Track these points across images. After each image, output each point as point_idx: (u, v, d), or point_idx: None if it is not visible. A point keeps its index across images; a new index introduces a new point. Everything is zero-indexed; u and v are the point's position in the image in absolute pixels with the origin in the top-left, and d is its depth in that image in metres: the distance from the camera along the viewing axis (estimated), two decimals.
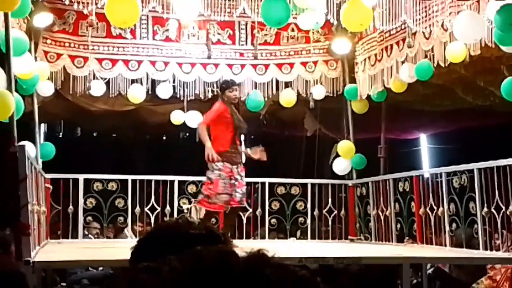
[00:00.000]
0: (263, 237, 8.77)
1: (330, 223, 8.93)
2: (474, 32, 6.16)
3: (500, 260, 6.55)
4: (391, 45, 8.03)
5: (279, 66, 9.18)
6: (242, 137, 7.54)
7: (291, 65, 9.18)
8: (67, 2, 7.38)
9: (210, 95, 9.28)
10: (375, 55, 8.40)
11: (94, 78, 8.60)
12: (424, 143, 13.20)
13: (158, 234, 1.10)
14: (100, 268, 8.31)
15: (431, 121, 11.25)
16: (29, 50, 7.00)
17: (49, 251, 6.48)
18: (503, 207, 6.03)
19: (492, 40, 6.05)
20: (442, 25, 6.88)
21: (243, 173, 7.08)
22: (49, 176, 7.91)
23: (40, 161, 7.94)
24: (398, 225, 8.08)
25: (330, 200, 8.92)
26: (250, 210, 8.69)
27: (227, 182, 6.89)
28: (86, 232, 8.74)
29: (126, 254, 1.31)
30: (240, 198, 6.97)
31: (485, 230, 6.45)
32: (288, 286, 0.86)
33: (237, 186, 6.94)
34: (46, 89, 8.15)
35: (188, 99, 9.21)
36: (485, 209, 6.29)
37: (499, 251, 6.45)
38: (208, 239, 1.07)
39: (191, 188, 8.59)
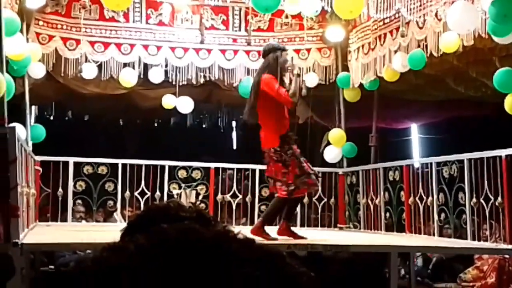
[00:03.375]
0: (252, 224, 8.77)
1: (319, 211, 8.95)
2: (468, 23, 6.15)
3: (488, 250, 6.59)
4: (385, 34, 8.02)
5: None
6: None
7: None
8: None
9: (202, 80, 9.26)
10: (369, 43, 8.39)
11: (86, 61, 8.56)
12: (415, 133, 13.24)
13: (148, 216, 1.09)
14: (88, 251, 8.30)
15: (422, 110, 11.27)
16: (21, 31, 6.95)
17: (37, 233, 6.47)
18: (492, 198, 6.05)
19: (486, 31, 6.05)
20: (436, 15, 6.87)
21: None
22: (39, 158, 7.89)
23: (30, 143, 7.91)
24: (387, 214, 8.11)
25: (320, 188, 8.93)
26: (240, 196, 8.71)
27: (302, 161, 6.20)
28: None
29: (115, 238, 1.30)
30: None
31: (473, 221, 6.48)
32: (254, 260, 0.87)
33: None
34: (37, 71, 8.11)
35: (180, 84, 9.19)
36: (474, 200, 6.32)
37: (487, 241, 6.48)
38: (199, 222, 1.07)
39: (182, 173, 8.59)
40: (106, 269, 0.88)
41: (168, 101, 9.37)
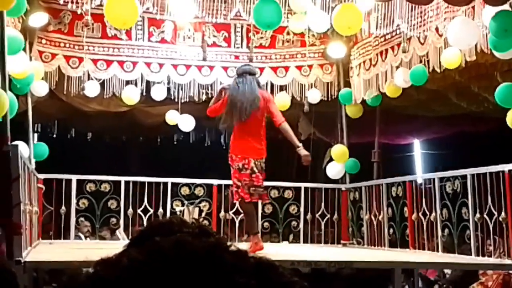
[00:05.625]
0: None
1: (322, 227, 8.92)
2: (467, 38, 6.17)
3: (492, 266, 6.56)
4: (386, 50, 8.03)
5: (274, 69, 9.18)
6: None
7: (286, 68, 9.18)
8: (62, 2, 7.38)
9: (204, 97, 9.27)
10: (370, 59, 8.41)
11: (88, 79, 8.58)
12: (418, 149, 13.24)
13: (151, 232, 1.09)
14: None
15: (425, 126, 11.28)
16: (24, 50, 6.98)
17: (40, 251, 6.46)
18: (495, 213, 6.03)
19: (487, 46, 6.06)
20: (436, 30, 6.89)
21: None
22: (42, 176, 7.89)
23: (33, 161, 7.92)
24: (391, 230, 8.08)
25: (323, 204, 8.91)
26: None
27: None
28: (77, 232, 8.70)
29: None
30: None
31: (477, 236, 6.46)
32: (247, 270, 0.88)
33: None
34: (40, 89, 8.13)
35: (183, 101, 9.20)
36: (478, 215, 6.30)
37: (491, 257, 6.45)
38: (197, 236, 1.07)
39: (184, 190, 8.57)
40: (100, 283, 0.88)
41: (172, 117, 9.37)
